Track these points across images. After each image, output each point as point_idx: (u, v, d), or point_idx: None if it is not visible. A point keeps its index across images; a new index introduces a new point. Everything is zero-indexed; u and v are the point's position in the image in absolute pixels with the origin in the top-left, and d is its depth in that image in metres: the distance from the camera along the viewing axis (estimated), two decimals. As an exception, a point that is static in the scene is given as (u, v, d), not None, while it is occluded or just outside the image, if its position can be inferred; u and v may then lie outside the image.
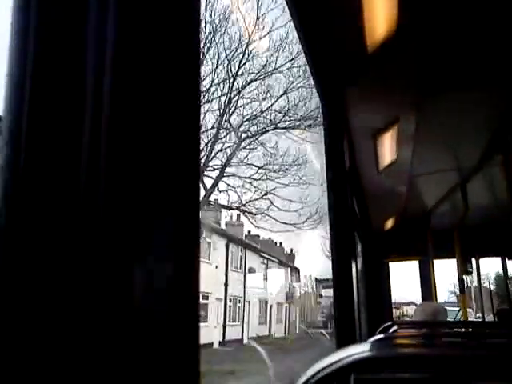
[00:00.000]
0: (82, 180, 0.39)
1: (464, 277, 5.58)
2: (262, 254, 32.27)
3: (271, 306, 34.10)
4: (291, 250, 42.52)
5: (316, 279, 42.84)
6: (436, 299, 5.81)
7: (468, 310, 6.28)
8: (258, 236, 34.97)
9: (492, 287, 13.67)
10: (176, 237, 0.43)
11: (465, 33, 2.14)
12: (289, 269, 37.89)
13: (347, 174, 2.58)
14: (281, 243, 40.25)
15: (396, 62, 2.36)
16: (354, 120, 2.89)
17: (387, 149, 3.46)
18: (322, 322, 38.98)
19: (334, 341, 2.30)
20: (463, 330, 2.86)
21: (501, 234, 5.23)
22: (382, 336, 2.26)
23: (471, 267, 5.86)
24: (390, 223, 5.79)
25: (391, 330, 2.45)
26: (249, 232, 31.15)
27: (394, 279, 6.44)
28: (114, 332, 0.37)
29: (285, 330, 35.76)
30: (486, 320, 7.73)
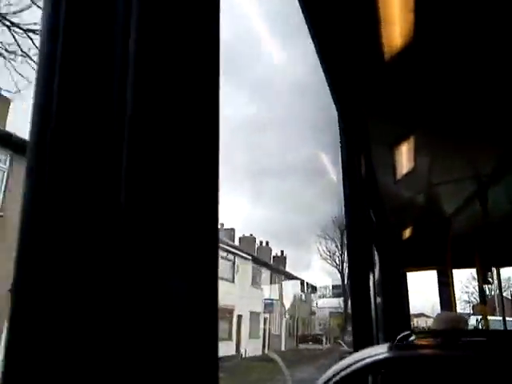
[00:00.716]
0: (105, 202, 0.41)
1: (484, 286, 5.48)
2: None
3: (240, 317, 25.92)
4: (282, 252, 38.04)
5: (312, 286, 39.63)
6: (455, 309, 5.72)
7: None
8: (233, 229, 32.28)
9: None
10: (195, 255, 0.45)
11: (482, 39, 2.13)
12: (276, 272, 32.70)
13: (364, 184, 2.59)
14: (267, 242, 36.00)
15: (412, 72, 2.37)
16: (370, 131, 2.89)
17: (405, 158, 3.45)
18: (316, 337, 34.55)
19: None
20: (482, 339, 2.81)
21: None
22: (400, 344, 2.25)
23: (491, 276, 5.75)
24: (408, 233, 5.73)
25: (409, 340, 2.44)
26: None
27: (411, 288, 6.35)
28: (135, 350, 0.39)
29: (263, 347, 28.55)
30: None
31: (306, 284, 37.68)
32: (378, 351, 0.92)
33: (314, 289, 40.35)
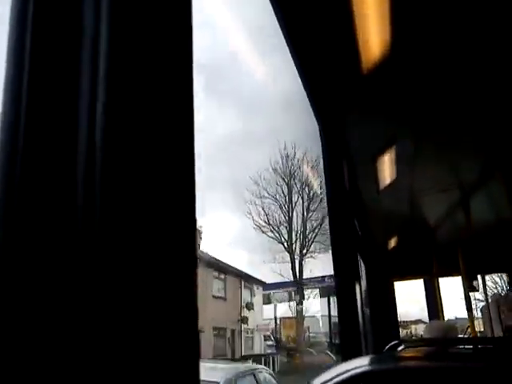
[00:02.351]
0: (79, 214, 0.41)
1: (470, 293, 5.52)
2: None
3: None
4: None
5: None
6: (443, 317, 5.74)
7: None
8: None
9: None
10: (174, 264, 0.45)
11: (460, 51, 2.16)
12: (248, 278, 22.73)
13: (348, 195, 2.61)
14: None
15: (391, 83, 2.40)
16: (352, 142, 2.92)
17: (387, 169, 3.49)
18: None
19: None
20: (471, 346, 2.83)
21: (505, 249, 5.20)
22: (388, 353, 2.25)
23: (477, 284, 5.80)
24: (393, 242, 5.77)
25: (399, 349, 2.44)
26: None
27: (401, 296, 6.37)
28: (114, 361, 0.39)
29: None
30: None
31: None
32: (363, 363, 0.91)
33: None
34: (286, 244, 23.45)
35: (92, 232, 0.41)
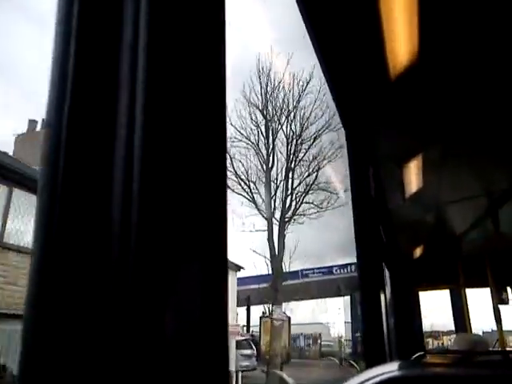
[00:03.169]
0: (114, 231, 0.43)
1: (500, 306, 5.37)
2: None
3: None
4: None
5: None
6: (470, 330, 5.60)
7: None
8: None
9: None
10: (204, 276, 0.45)
11: (490, 58, 2.13)
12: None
13: (373, 202, 2.58)
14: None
15: (419, 91, 2.38)
16: (379, 149, 2.90)
17: (414, 176, 3.44)
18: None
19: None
20: (499, 358, 2.74)
21: None
22: (413, 362, 2.21)
23: (507, 296, 5.64)
24: (418, 251, 5.67)
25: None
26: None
27: (431, 305, 6.22)
28: (150, 373, 0.39)
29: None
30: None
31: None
32: (390, 369, 0.90)
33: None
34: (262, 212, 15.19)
35: (129, 235, 0.42)
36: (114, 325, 0.40)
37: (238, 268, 17.49)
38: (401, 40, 2.03)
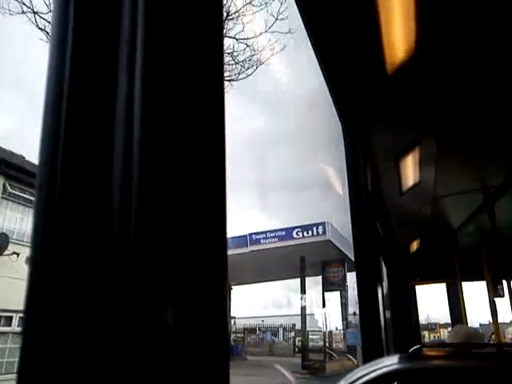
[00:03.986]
0: (113, 231, 0.42)
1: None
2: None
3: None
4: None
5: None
6: (466, 323, 5.64)
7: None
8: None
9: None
10: (203, 277, 0.45)
11: (486, 52, 2.13)
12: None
13: (371, 197, 2.58)
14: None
15: (416, 85, 2.38)
16: (375, 143, 2.90)
17: (410, 170, 3.45)
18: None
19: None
20: (495, 350, 2.76)
21: None
22: (410, 354, 2.22)
23: (502, 290, 5.68)
24: (415, 245, 5.70)
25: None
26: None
27: (428, 299, 6.25)
28: (147, 376, 0.39)
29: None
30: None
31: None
32: (390, 362, 0.90)
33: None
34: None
35: (129, 234, 0.41)
36: (113, 323, 0.40)
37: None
38: (398, 33, 2.03)
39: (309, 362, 19.12)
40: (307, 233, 18.65)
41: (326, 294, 20.64)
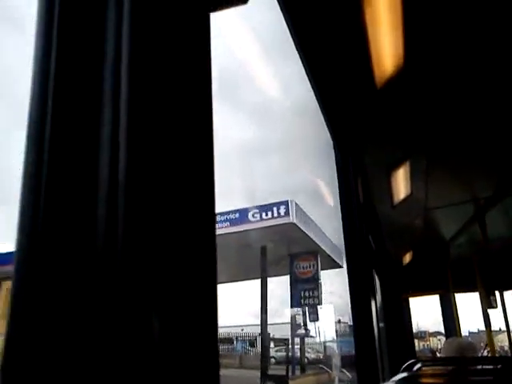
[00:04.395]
0: (99, 232, 0.42)
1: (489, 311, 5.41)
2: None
3: None
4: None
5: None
6: (460, 334, 5.63)
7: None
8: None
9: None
10: (193, 280, 0.45)
11: (475, 67, 2.17)
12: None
13: (363, 210, 2.59)
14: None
15: (405, 99, 2.41)
16: (366, 157, 2.92)
17: (401, 183, 3.48)
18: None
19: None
20: (491, 367, 2.76)
21: None
22: (405, 374, 2.21)
23: (495, 301, 5.69)
24: (408, 258, 5.71)
25: (415, 368, 2.39)
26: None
27: (417, 308, 6.24)
28: (137, 374, 0.38)
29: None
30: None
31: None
32: None
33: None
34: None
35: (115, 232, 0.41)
36: (100, 325, 0.39)
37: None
38: (387, 49, 2.06)
39: (267, 379, 14.81)
40: (266, 214, 14.75)
41: (299, 293, 16.73)
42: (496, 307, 5.62)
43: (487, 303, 5.27)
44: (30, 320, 0.41)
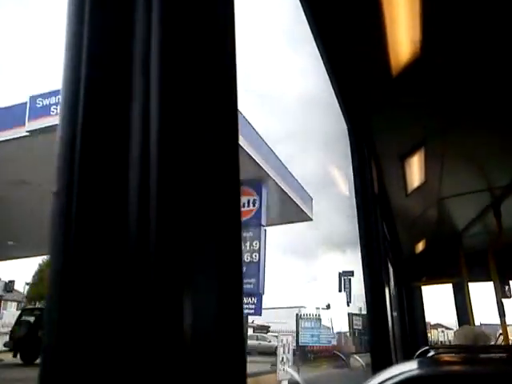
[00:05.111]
0: (131, 222, 0.42)
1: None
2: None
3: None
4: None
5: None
6: (474, 323, 5.60)
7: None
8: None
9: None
10: (220, 266, 0.45)
11: (492, 52, 2.13)
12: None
13: (376, 198, 2.58)
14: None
15: (421, 85, 2.38)
16: (381, 144, 2.90)
17: (416, 171, 3.44)
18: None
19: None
20: (505, 355, 2.75)
21: None
22: (420, 359, 2.21)
23: (510, 290, 5.64)
24: (421, 246, 5.67)
25: (429, 355, 2.39)
26: None
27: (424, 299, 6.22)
28: (166, 364, 0.39)
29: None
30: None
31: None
32: (404, 369, 0.89)
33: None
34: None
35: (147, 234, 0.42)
36: (132, 324, 0.40)
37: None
38: (404, 34, 2.03)
39: None
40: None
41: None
42: (510, 297, 5.58)
43: (502, 293, 5.23)
44: (66, 323, 0.42)
